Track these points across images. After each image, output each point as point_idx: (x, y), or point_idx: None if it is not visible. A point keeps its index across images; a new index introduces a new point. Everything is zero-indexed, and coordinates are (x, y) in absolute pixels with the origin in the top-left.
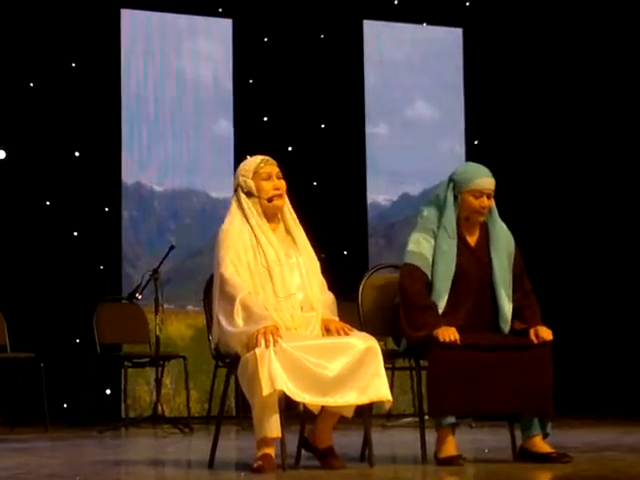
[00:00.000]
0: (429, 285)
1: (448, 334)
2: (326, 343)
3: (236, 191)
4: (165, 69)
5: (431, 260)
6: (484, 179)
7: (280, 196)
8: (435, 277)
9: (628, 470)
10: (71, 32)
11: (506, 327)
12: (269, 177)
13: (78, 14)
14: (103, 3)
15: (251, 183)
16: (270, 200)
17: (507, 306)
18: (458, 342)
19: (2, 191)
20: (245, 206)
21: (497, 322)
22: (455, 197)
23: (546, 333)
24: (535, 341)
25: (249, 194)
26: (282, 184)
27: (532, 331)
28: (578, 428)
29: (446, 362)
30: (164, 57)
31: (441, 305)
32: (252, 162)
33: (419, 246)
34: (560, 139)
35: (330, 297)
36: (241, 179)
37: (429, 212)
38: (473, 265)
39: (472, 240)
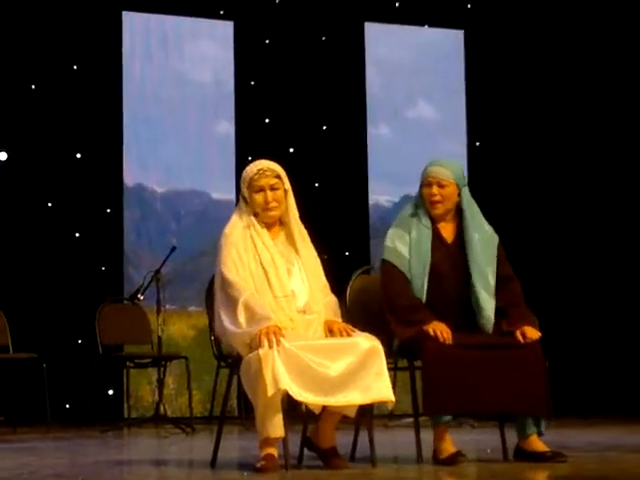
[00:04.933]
0: (409, 281)
1: (439, 329)
2: (329, 343)
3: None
4: (167, 71)
5: (407, 254)
6: (430, 167)
7: (271, 209)
8: (411, 271)
9: (632, 470)
10: (73, 34)
11: (489, 326)
12: (261, 190)
13: (80, 17)
14: (105, 6)
15: (246, 193)
16: (256, 215)
17: (488, 305)
18: (449, 337)
19: (4, 193)
20: (244, 210)
21: (476, 321)
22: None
23: (532, 332)
24: (522, 341)
25: (245, 201)
26: (277, 196)
27: (518, 332)
28: (581, 428)
29: (439, 360)
30: (166, 59)
31: (422, 299)
32: (249, 171)
33: (394, 241)
34: (561, 140)
35: (333, 299)
36: (242, 186)
37: (407, 208)
38: (449, 262)
39: (449, 237)
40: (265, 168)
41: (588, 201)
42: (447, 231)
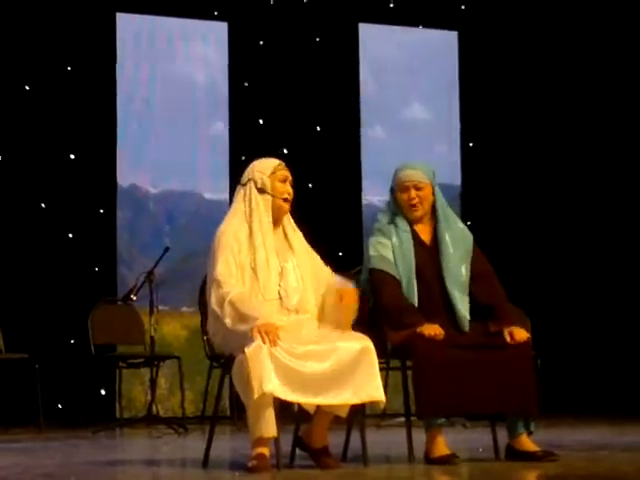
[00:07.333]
0: (400, 283)
1: (433, 329)
2: (319, 349)
3: (245, 185)
4: (161, 72)
5: (392, 259)
6: (404, 171)
7: (288, 202)
8: (399, 274)
9: (623, 469)
10: (67, 35)
11: (465, 324)
12: (285, 180)
13: (74, 18)
14: (99, 7)
15: (267, 181)
16: (286, 200)
17: (461, 304)
18: (442, 337)
19: None
20: (254, 200)
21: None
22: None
23: (520, 334)
24: (510, 342)
25: (262, 191)
26: (292, 191)
27: (506, 332)
28: (571, 427)
29: (430, 362)
30: (160, 60)
31: (414, 302)
32: (270, 162)
33: (377, 249)
34: (555, 141)
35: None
36: (257, 174)
37: (382, 216)
38: (430, 264)
39: (427, 238)
40: (283, 163)
41: (580, 200)
42: (425, 233)
